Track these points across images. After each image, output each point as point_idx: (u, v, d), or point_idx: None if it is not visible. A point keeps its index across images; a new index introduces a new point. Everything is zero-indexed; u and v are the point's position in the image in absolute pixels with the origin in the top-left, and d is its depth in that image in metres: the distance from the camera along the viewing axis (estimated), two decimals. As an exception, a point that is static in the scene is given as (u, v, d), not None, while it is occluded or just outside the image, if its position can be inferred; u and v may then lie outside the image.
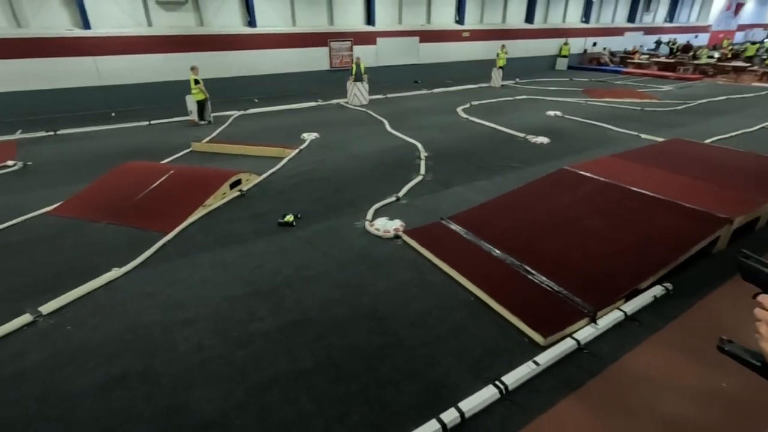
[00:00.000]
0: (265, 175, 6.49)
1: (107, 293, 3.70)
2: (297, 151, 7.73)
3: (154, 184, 5.66)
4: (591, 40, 22.64)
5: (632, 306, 3.42)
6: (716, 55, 20.80)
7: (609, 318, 3.27)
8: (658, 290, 3.61)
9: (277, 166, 6.91)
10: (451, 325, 3.27)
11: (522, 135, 8.69)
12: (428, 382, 2.76)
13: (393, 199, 5.60)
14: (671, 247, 3.88)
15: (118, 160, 6.60)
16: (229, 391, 2.71)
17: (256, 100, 13.13)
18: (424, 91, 14.67)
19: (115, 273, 3.93)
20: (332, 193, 5.91)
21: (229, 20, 13.16)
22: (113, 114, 11.10)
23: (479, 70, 17.61)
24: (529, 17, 20.21)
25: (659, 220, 4.32)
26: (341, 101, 12.83)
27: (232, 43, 13.12)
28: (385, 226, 4.74)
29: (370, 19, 15.76)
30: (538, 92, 14.52)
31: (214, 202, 5.48)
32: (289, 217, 4.90)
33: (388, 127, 9.60)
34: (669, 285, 3.66)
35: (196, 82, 9.64)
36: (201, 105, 9.93)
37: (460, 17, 18.01)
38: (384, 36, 16.17)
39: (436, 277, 3.89)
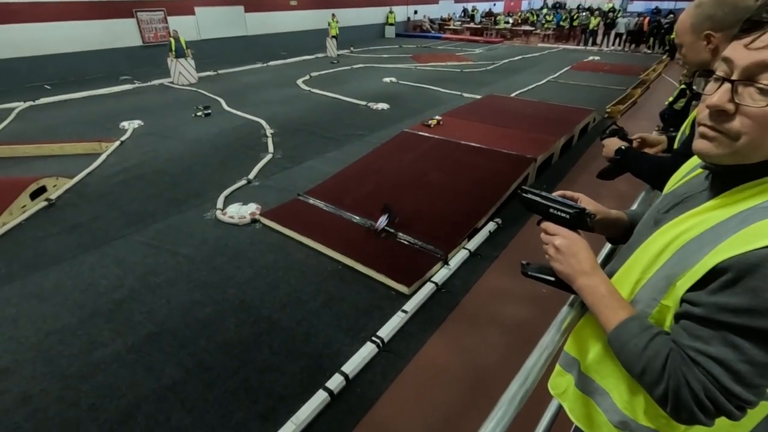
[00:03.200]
0: (79, 177, 5.41)
1: None
2: (118, 143, 6.60)
3: None
4: (412, 8, 24.26)
5: (474, 243, 3.97)
6: (510, 21, 24.51)
7: (458, 257, 3.74)
8: (491, 226, 4.24)
9: (95, 164, 5.82)
10: (324, 297, 3.32)
11: (363, 103, 8.97)
12: (310, 357, 2.78)
13: (244, 182, 5.27)
14: (496, 187, 4.57)
15: None
16: (78, 435, 2.30)
17: (48, 87, 10.66)
18: (259, 65, 13.87)
19: None
20: (171, 186, 5.26)
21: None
22: None
23: (313, 40, 17.36)
24: (353, -15, 20.51)
25: (484, 166, 5.03)
26: (165, 81, 11.30)
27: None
28: (240, 212, 4.46)
29: (181, -15, 13.94)
30: (372, 60, 15.07)
31: (10, 219, 4.37)
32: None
33: (225, 106, 8.87)
34: (499, 220, 4.33)
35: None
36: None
37: (284, -16, 17.28)
38: (203, 5, 14.56)
39: (302, 255, 3.85)
